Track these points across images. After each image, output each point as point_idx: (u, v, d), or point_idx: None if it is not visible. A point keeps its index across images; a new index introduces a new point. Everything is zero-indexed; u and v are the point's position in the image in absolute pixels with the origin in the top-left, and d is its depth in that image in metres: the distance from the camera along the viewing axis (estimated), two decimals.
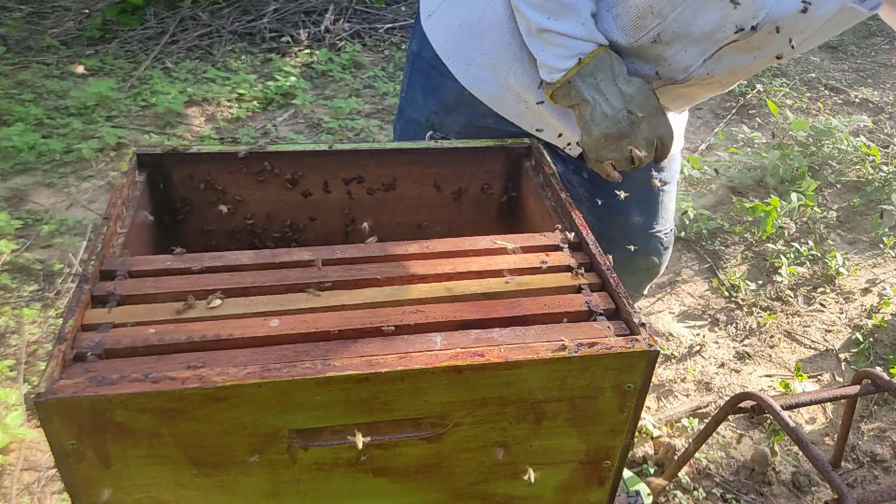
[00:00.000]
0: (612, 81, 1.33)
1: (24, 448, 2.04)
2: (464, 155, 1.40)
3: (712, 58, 1.36)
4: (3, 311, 2.50)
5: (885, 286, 3.02)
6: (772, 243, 3.16)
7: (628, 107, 1.32)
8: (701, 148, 3.93)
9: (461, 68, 1.52)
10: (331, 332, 0.95)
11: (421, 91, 1.62)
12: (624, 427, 1.03)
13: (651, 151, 1.36)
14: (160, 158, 1.29)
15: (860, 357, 2.63)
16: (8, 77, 3.99)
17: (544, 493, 1.08)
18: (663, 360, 2.57)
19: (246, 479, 0.95)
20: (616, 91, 1.32)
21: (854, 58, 5.18)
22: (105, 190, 3.20)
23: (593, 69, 1.32)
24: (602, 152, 1.35)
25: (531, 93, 1.47)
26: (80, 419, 0.84)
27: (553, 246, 1.16)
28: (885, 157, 3.74)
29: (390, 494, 1.03)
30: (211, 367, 0.87)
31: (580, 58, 1.32)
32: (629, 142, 1.34)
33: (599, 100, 1.32)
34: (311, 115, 3.96)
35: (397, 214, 1.43)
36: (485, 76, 1.50)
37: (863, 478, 2.20)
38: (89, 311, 0.95)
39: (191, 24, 4.67)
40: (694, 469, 2.16)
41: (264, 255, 1.08)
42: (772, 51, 1.36)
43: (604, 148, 1.35)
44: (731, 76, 1.43)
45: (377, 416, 0.93)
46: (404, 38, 4.81)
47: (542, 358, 0.92)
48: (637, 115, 1.32)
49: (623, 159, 1.36)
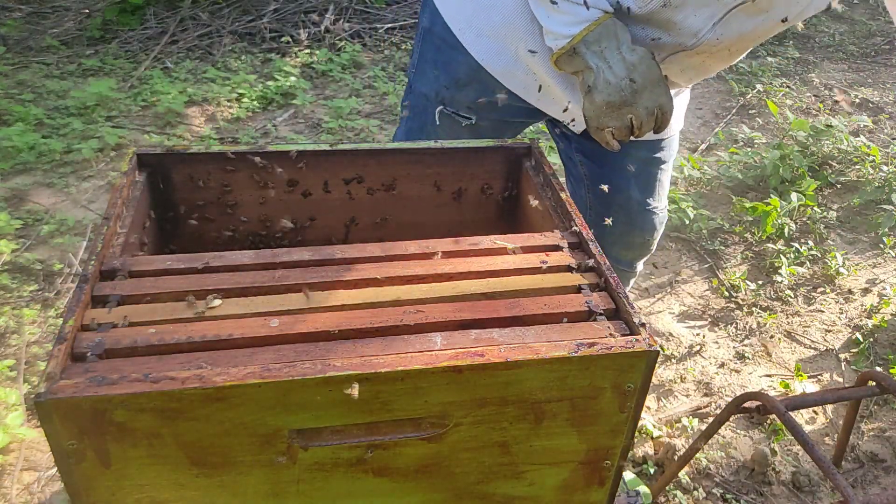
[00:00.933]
0: (616, 49, 1.33)
1: (24, 448, 2.04)
2: (464, 155, 1.40)
3: (721, 21, 1.36)
4: (3, 311, 2.50)
5: (885, 286, 3.02)
6: (772, 243, 3.16)
7: (631, 75, 1.33)
8: (701, 148, 3.93)
9: (472, 40, 1.54)
10: (331, 332, 0.95)
11: (431, 65, 1.63)
12: (624, 427, 1.03)
13: (651, 121, 1.37)
14: (160, 158, 1.29)
15: (860, 357, 2.63)
16: (8, 77, 3.99)
17: (544, 493, 1.08)
18: (663, 360, 2.57)
19: (246, 479, 0.95)
20: (620, 59, 1.33)
21: (854, 58, 5.18)
22: (105, 190, 3.20)
23: (598, 37, 1.33)
24: (603, 119, 1.36)
25: (540, 64, 1.48)
26: (80, 419, 0.84)
27: (553, 246, 1.16)
28: (885, 157, 3.74)
29: (390, 494, 1.03)
30: (211, 367, 0.87)
31: (585, 25, 1.32)
32: (630, 110, 1.35)
33: (603, 67, 1.33)
34: (311, 115, 3.96)
35: (397, 214, 1.43)
36: (495, 48, 1.52)
37: (863, 478, 2.20)
38: (89, 311, 0.95)
39: (191, 24, 4.67)
40: (694, 469, 2.16)
41: (264, 255, 1.08)
42: (778, 13, 1.36)
43: (605, 115, 1.36)
44: (740, 42, 1.43)
45: (377, 416, 0.93)
46: (404, 38, 4.81)
47: (542, 358, 0.92)
48: (639, 83, 1.33)
49: (623, 128, 1.37)
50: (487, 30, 1.51)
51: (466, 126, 1.66)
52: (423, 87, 1.67)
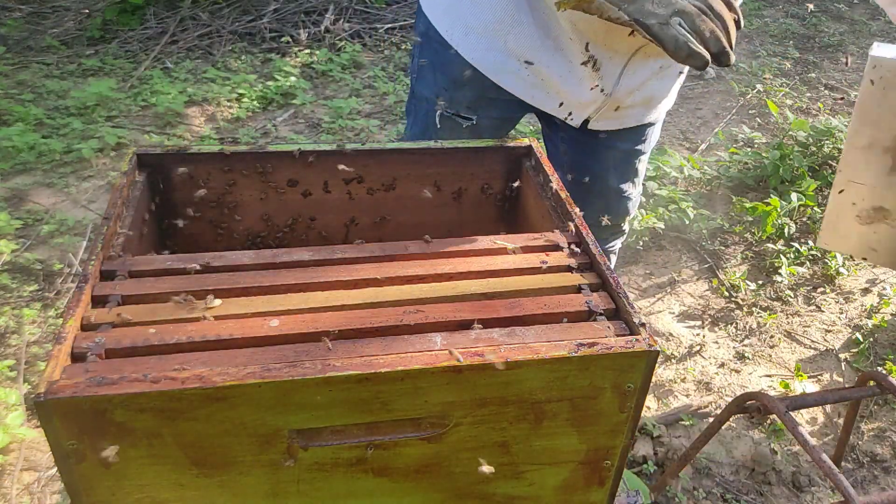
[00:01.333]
0: None
1: (24, 448, 2.04)
2: (464, 155, 1.40)
3: None
4: (3, 311, 2.50)
5: (885, 286, 3.02)
6: (772, 243, 3.16)
7: None
8: (701, 148, 3.93)
9: (460, 38, 1.54)
10: (331, 332, 0.95)
11: (430, 68, 1.65)
12: (624, 427, 1.03)
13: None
14: (160, 158, 1.29)
15: (860, 357, 2.63)
16: (8, 77, 3.99)
17: (544, 493, 1.08)
18: (663, 360, 2.57)
19: (246, 479, 0.95)
20: None
21: (854, 58, 5.18)
22: (105, 190, 3.20)
23: None
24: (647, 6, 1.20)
25: (533, 52, 1.48)
26: (80, 419, 0.84)
27: (553, 246, 1.16)
28: None
29: (390, 494, 1.03)
30: (211, 367, 0.87)
31: None
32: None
33: None
34: (311, 115, 3.96)
35: (397, 214, 1.43)
36: (484, 45, 1.52)
37: (863, 478, 2.20)
38: (89, 311, 0.95)
39: (191, 24, 4.67)
40: (694, 469, 2.16)
41: (264, 255, 1.08)
42: None
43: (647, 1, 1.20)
44: None
45: (377, 416, 0.93)
46: (404, 38, 4.81)
47: (542, 358, 0.92)
48: None
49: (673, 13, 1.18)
50: (475, 24, 1.52)
51: (467, 128, 1.68)
52: (424, 90, 1.69)
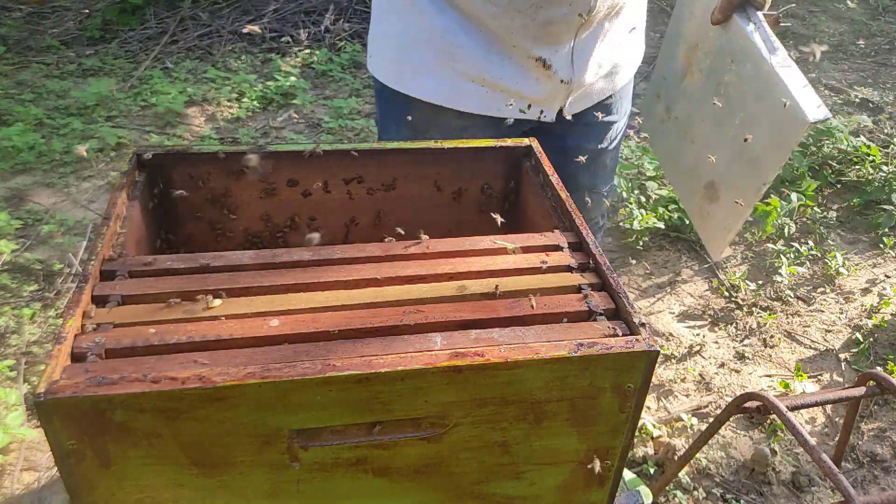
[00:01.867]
0: None
1: (24, 448, 2.05)
2: (464, 155, 1.40)
3: None
4: (3, 311, 2.50)
5: (885, 286, 3.02)
6: (772, 243, 3.16)
7: None
8: None
9: (412, 83, 1.56)
10: (331, 332, 0.95)
11: (393, 122, 1.67)
12: (624, 427, 1.03)
13: None
14: (160, 158, 1.29)
15: (860, 357, 2.63)
16: (8, 77, 3.99)
17: (544, 493, 1.08)
18: (663, 360, 2.57)
19: (246, 479, 0.95)
20: None
21: (854, 58, 5.18)
22: (105, 190, 3.20)
23: None
24: None
25: (482, 68, 1.49)
26: (80, 419, 0.84)
27: (553, 246, 1.16)
28: (885, 157, 3.74)
29: (390, 494, 1.03)
30: (211, 367, 0.87)
31: None
32: None
33: None
34: (311, 115, 3.96)
35: (397, 214, 1.43)
36: (435, 79, 1.54)
37: (863, 478, 2.20)
38: (89, 312, 0.95)
39: (191, 24, 4.67)
40: (694, 469, 2.16)
41: (264, 255, 1.08)
42: None
43: None
44: None
45: (377, 416, 0.93)
46: None
47: (542, 358, 0.92)
48: None
49: None
50: (421, 64, 1.53)
51: None
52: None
